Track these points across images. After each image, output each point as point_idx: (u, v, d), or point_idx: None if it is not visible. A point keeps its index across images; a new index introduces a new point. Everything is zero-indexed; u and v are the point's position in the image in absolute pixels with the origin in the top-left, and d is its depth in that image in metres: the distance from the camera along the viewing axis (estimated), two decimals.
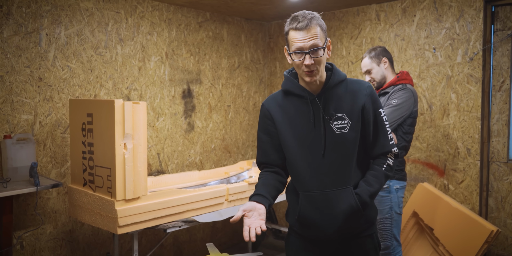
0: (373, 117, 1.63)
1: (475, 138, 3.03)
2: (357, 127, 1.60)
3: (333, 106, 1.60)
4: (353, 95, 1.61)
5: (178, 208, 2.48)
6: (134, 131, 2.23)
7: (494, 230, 2.72)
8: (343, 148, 1.59)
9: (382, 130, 1.65)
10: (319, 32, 1.51)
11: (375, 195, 1.63)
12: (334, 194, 1.59)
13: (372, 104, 1.63)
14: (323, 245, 1.68)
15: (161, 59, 3.42)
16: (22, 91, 2.66)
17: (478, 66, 3.00)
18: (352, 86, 1.64)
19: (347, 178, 1.60)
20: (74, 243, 2.94)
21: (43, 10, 2.73)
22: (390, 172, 1.66)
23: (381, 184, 1.63)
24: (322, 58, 1.53)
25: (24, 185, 2.41)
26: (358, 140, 1.61)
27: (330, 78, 1.62)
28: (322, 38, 1.53)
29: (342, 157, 1.60)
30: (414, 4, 3.29)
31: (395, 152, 1.67)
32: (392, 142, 1.67)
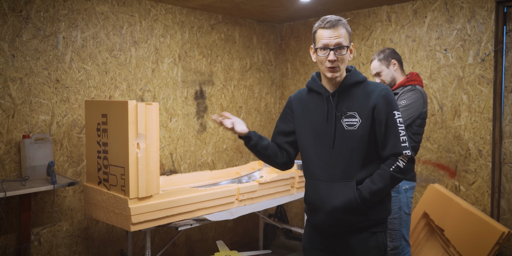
0: (385, 118, 1.67)
1: (487, 139, 3.02)
2: (366, 126, 1.68)
3: (346, 104, 1.72)
4: (368, 95, 1.70)
5: (189, 206, 2.53)
6: (147, 131, 2.29)
7: (505, 232, 2.70)
8: (351, 144, 1.69)
9: (394, 132, 1.66)
10: (345, 33, 1.68)
11: (377, 193, 1.65)
12: (337, 186, 1.70)
13: (385, 105, 1.67)
14: (327, 235, 1.78)
15: (174, 61, 3.49)
16: (40, 92, 2.76)
17: (490, 67, 2.99)
18: (368, 88, 1.72)
19: (352, 173, 1.69)
20: (89, 240, 3.03)
21: (60, 14, 2.82)
22: (400, 174, 1.65)
23: (385, 184, 1.65)
24: (344, 57, 1.68)
25: (42, 183, 2.49)
26: (366, 139, 1.69)
27: (346, 78, 1.74)
28: (347, 39, 1.69)
29: (350, 152, 1.70)
30: (425, 5, 3.29)
31: (407, 154, 1.66)
32: (405, 145, 1.66)
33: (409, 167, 1.66)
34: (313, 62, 4.12)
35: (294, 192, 3.28)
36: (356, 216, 1.70)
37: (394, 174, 1.65)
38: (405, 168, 1.66)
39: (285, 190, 3.19)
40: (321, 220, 1.75)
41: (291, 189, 3.26)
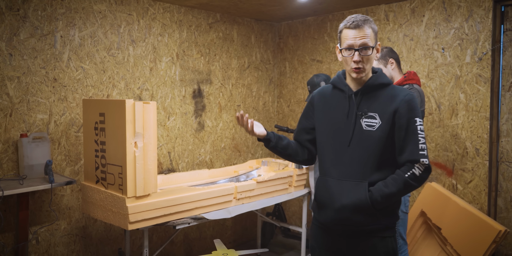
0: (406, 124, 1.65)
1: (484, 138, 3.03)
2: (385, 129, 1.67)
3: (368, 105, 1.72)
4: (391, 99, 1.69)
5: (187, 205, 2.54)
6: (145, 130, 2.30)
7: (502, 230, 2.72)
8: (367, 144, 1.69)
9: (413, 138, 1.64)
10: (370, 33, 1.67)
11: (389, 197, 1.64)
12: (349, 185, 1.70)
13: (408, 110, 1.66)
14: (334, 234, 1.76)
15: (172, 59, 3.49)
16: (37, 91, 2.76)
17: (487, 66, 3.00)
18: (393, 91, 1.71)
19: (365, 173, 1.68)
20: (87, 239, 3.03)
21: (58, 13, 2.82)
22: (415, 182, 1.63)
23: (398, 189, 1.63)
24: (370, 57, 1.68)
25: (40, 182, 2.49)
26: (383, 141, 1.67)
27: (372, 78, 1.74)
28: (373, 39, 1.68)
29: (365, 152, 1.69)
30: (423, 4, 3.30)
31: (424, 163, 1.63)
32: (423, 153, 1.63)
33: (424, 175, 1.64)
34: (311, 61, 4.12)
35: (292, 190, 3.29)
36: (364, 217, 1.67)
37: (408, 180, 1.63)
38: (421, 176, 1.63)
39: (283, 189, 3.20)
40: (328, 218, 1.74)
41: (289, 187, 3.26)
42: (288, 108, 4.37)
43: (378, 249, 1.71)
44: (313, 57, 4.10)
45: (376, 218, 1.68)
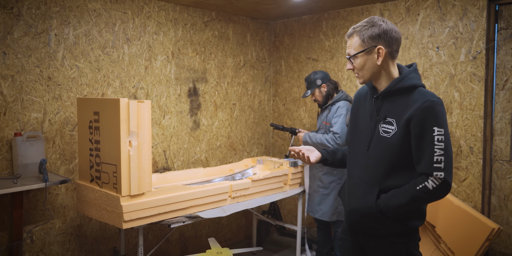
0: (421, 133, 1.58)
1: (478, 136, 3.04)
2: (401, 136, 1.62)
3: (387, 110, 1.68)
4: (409, 105, 1.62)
5: (182, 204, 2.54)
6: (139, 129, 2.30)
7: (495, 228, 2.73)
8: (382, 150, 1.67)
9: (428, 149, 1.56)
10: (356, 42, 1.68)
11: (395, 207, 1.62)
12: (362, 189, 1.72)
13: (424, 119, 1.57)
14: (355, 230, 1.82)
15: (167, 58, 3.48)
16: (32, 90, 2.75)
17: (481, 64, 3.01)
18: (415, 97, 1.63)
19: (378, 180, 1.67)
20: (82, 238, 3.03)
21: (52, 11, 2.81)
22: (426, 195, 1.56)
23: (406, 201, 1.59)
24: (360, 65, 1.69)
25: (34, 181, 2.49)
26: (397, 149, 1.63)
27: (392, 82, 1.68)
28: (359, 47, 1.67)
29: (380, 158, 1.68)
30: (418, 3, 3.30)
31: (440, 177, 1.54)
32: (439, 165, 1.54)
33: (440, 189, 1.55)
34: (306, 60, 4.13)
35: (287, 189, 3.30)
36: (372, 222, 1.69)
37: (418, 193, 1.57)
38: (435, 189, 1.55)
39: (278, 187, 3.21)
40: (345, 217, 1.84)
41: (284, 186, 3.27)
42: (283, 107, 4.37)
43: (387, 252, 1.71)
44: (309, 56, 4.10)
45: (385, 224, 1.67)
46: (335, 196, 3.25)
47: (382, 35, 1.65)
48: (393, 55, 1.70)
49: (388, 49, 1.66)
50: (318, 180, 3.33)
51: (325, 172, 3.28)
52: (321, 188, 3.30)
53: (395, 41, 1.67)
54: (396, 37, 1.67)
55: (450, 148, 1.58)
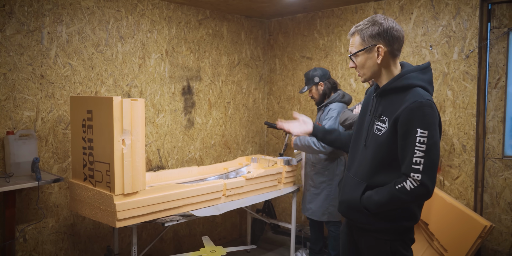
0: (405, 133, 1.58)
1: (471, 134, 3.06)
2: (390, 135, 1.64)
3: (383, 108, 1.71)
4: (400, 105, 1.63)
5: (176, 202, 2.54)
6: (133, 128, 2.29)
7: (487, 225, 2.75)
8: (373, 148, 1.71)
9: (409, 150, 1.56)
10: (357, 40, 1.71)
11: (375, 204, 1.65)
12: (353, 183, 1.77)
13: (409, 119, 1.57)
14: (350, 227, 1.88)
15: (161, 56, 3.47)
16: (24, 88, 2.73)
17: (474, 63, 3.03)
18: (407, 97, 1.62)
19: (368, 175, 1.71)
20: (75, 237, 3.02)
21: (45, 8, 2.79)
22: (405, 196, 1.57)
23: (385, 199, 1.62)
24: (361, 63, 1.72)
25: (26, 180, 2.47)
26: (386, 147, 1.65)
27: (389, 81, 1.70)
28: (359, 45, 1.70)
29: (371, 155, 1.71)
30: (411, 2, 3.32)
31: (417, 179, 1.54)
32: (417, 167, 1.54)
33: (418, 191, 1.55)
34: (301, 58, 4.13)
35: (282, 187, 3.30)
36: (358, 216, 1.74)
37: (396, 193, 1.59)
38: (413, 191, 1.55)
39: (273, 186, 3.21)
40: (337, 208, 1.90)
41: (279, 184, 3.28)
42: (278, 105, 4.38)
43: (374, 249, 1.74)
44: (303, 54, 4.11)
45: (369, 219, 1.71)
46: (325, 196, 3.23)
47: (382, 34, 1.65)
48: (394, 54, 1.70)
49: (388, 48, 1.67)
50: (309, 179, 3.34)
51: (316, 172, 3.27)
52: (312, 187, 3.30)
53: (396, 40, 1.67)
54: (397, 35, 1.67)
55: (434, 151, 1.55)
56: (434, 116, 1.57)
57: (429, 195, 1.58)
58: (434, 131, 1.56)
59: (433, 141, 1.55)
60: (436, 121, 1.58)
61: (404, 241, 1.73)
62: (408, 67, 1.72)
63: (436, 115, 1.59)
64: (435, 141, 1.56)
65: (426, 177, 1.54)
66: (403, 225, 1.70)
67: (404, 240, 1.73)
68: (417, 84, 1.65)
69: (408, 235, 1.74)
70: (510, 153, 3.06)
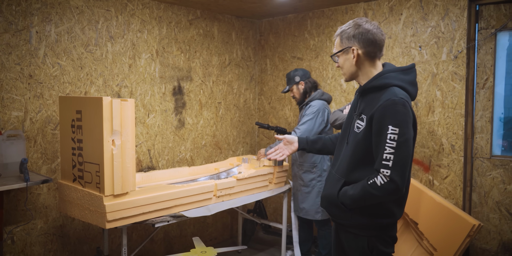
0: (377, 130, 1.63)
1: (459, 134, 3.10)
2: (367, 133, 1.69)
3: (363, 107, 1.76)
4: (376, 103, 1.67)
5: (166, 203, 2.52)
6: (122, 128, 2.27)
7: (476, 224, 2.79)
8: (353, 145, 1.76)
9: (381, 146, 1.61)
10: (337, 42, 1.80)
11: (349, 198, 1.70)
12: (333, 179, 1.82)
13: (382, 117, 1.61)
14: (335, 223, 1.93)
15: (151, 56, 3.45)
16: (12, 88, 2.69)
17: (462, 64, 3.06)
18: (383, 95, 1.66)
19: (347, 171, 1.76)
20: (64, 238, 2.99)
21: (33, 8, 2.76)
22: (375, 191, 1.60)
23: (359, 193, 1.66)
24: (340, 63, 1.81)
25: (14, 180, 2.44)
26: (363, 144, 1.71)
27: (368, 81, 1.76)
28: (338, 47, 1.80)
29: (350, 152, 1.76)
30: (400, 3, 3.34)
31: (386, 174, 1.58)
32: (387, 163, 1.58)
33: (387, 187, 1.58)
34: (292, 58, 4.14)
35: (272, 187, 3.31)
36: (336, 211, 1.79)
37: (368, 188, 1.63)
38: (383, 186, 1.59)
39: (263, 186, 3.22)
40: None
41: (269, 184, 3.28)
42: (269, 105, 4.38)
43: (352, 245, 1.80)
44: (294, 55, 4.12)
45: (348, 215, 1.76)
46: (317, 193, 3.27)
47: (357, 36, 1.73)
48: (370, 56, 1.75)
49: (362, 49, 1.73)
50: (299, 179, 3.35)
51: (304, 171, 3.31)
52: (302, 186, 3.32)
53: (371, 42, 1.72)
54: (372, 39, 1.72)
55: (404, 149, 1.58)
56: (406, 114, 1.61)
57: (399, 191, 1.60)
58: (406, 129, 1.59)
59: (404, 138, 1.58)
60: (408, 119, 1.61)
61: (383, 238, 1.76)
62: (388, 67, 1.77)
63: (410, 113, 1.62)
64: (406, 139, 1.59)
65: (395, 173, 1.58)
66: (380, 222, 1.73)
67: (383, 237, 1.76)
68: (394, 84, 1.69)
69: (387, 232, 1.76)
70: (498, 153, 3.10)
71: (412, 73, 1.77)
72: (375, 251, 1.75)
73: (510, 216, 3.00)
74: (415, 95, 1.76)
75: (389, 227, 1.77)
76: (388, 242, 1.77)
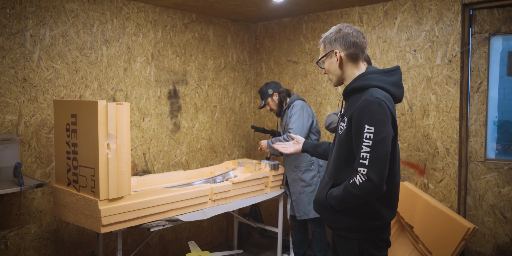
0: (355, 130, 1.65)
1: (454, 138, 3.11)
2: (348, 134, 1.71)
3: (346, 108, 1.79)
4: (355, 104, 1.69)
5: (161, 207, 2.51)
6: (118, 132, 2.26)
7: (470, 228, 2.80)
8: (337, 147, 1.80)
9: (358, 145, 1.63)
10: (321, 48, 1.86)
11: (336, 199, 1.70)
12: (323, 181, 1.85)
13: (359, 116, 1.64)
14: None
15: (146, 60, 3.45)
16: (6, 91, 2.68)
17: (457, 68, 3.08)
18: (363, 96, 1.68)
19: (334, 173, 1.79)
20: (59, 243, 2.96)
21: (27, 11, 2.75)
22: (356, 190, 1.61)
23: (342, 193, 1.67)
24: (326, 69, 1.86)
25: (8, 185, 2.42)
26: (345, 145, 1.73)
27: (348, 83, 1.80)
28: (322, 52, 1.85)
29: (336, 154, 1.80)
30: (395, 7, 3.36)
31: (363, 173, 1.59)
32: (363, 162, 1.59)
33: (365, 186, 1.59)
34: (287, 62, 4.15)
35: (268, 191, 3.30)
36: (327, 214, 1.80)
37: (349, 187, 1.64)
38: (361, 185, 1.60)
39: (259, 190, 3.21)
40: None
41: (265, 188, 3.27)
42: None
43: (344, 248, 1.81)
44: (289, 58, 4.13)
45: (337, 217, 1.77)
46: None
47: (339, 39, 1.79)
48: (353, 58, 1.79)
49: (344, 52, 1.78)
50: (299, 181, 3.35)
51: (303, 171, 3.32)
52: (305, 187, 3.33)
53: (352, 44, 1.77)
54: (353, 41, 1.77)
55: (381, 147, 1.59)
56: (382, 113, 1.62)
57: (377, 190, 1.60)
58: (382, 128, 1.60)
59: (380, 137, 1.59)
60: (385, 118, 1.62)
61: (374, 241, 1.75)
62: (370, 69, 1.80)
63: (386, 112, 1.63)
64: (382, 137, 1.59)
65: (372, 172, 1.58)
66: (369, 224, 1.73)
67: (374, 240, 1.75)
68: (374, 85, 1.71)
69: (379, 235, 1.76)
70: (492, 156, 3.12)
71: (395, 75, 1.79)
72: (365, 254, 1.74)
73: (505, 219, 3.02)
74: (399, 97, 1.78)
75: (380, 230, 1.76)
76: (380, 245, 1.76)
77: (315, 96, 3.92)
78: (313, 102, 3.94)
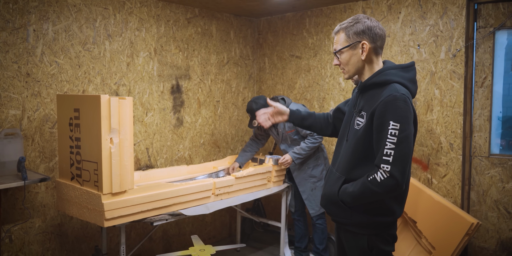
0: (379, 126, 1.62)
1: (458, 133, 3.10)
2: (367, 129, 1.68)
3: (363, 103, 1.75)
4: (377, 99, 1.66)
5: (164, 201, 2.52)
6: (121, 126, 2.27)
7: (474, 223, 2.79)
8: (353, 142, 1.74)
9: (382, 142, 1.59)
10: (342, 38, 1.75)
11: (349, 195, 1.68)
12: (334, 177, 1.80)
13: (383, 112, 1.60)
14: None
15: (149, 55, 3.45)
16: (9, 86, 2.68)
17: (461, 62, 3.06)
18: (384, 92, 1.65)
19: (347, 169, 1.74)
20: (63, 237, 2.98)
21: (30, 6, 2.74)
22: (375, 187, 1.59)
23: (359, 190, 1.64)
24: (345, 60, 1.76)
25: (12, 179, 2.44)
26: (363, 141, 1.69)
27: (368, 77, 1.74)
28: (344, 42, 1.74)
29: (351, 150, 1.75)
30: (399, 1, 3.34)
31: (386, 170, 1.57)
32: (387, 158, 1.57)
33: (387, 183, 1.57)
34: (290, 57, 4.14)
35: (271, 186, 3.30)
36: (337, 209, 1.78)
37: (368, 184, 1.61)
38: (383, 182, 1.58)
39: (262, 184, 3.21)
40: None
41: (268, 183, 3.28)
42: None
43: (351, 244, 1.79)
44: (292, 53, 4.11)
45: (348, 213, 1.74)
46: None
47: (367, 31, 1.71)
48: (377, 51, 1.75)
49: (372, 44, 1.72)
50: (310, 178, 3.36)
51: (313, 167, 3.34)
52: (317, 182, 3.34)
53: (379, 37, 1.73)
54: (380, 33, 1.73)
55: (406, 145, 1.57)
56: (407, 110, 1.60)
57: (399, 187, 1.59)
58: (406, 125, 1.59)
59: (404, 134, 1.58)
60: (409, 115, 1.60)
61: (383, 236, 1.75)
62: (389, 64, 1.77)
63: (410, 109, 1.62)
64: (407, 135, 1.58)
65: (395, 169, 1.56)
66: (380, 220, 1.72)
67: (383, 235, 1.75)
68: (395, 80, 1.69)
69: (388, 230, 1.75)
70: (496, 152, 3.11)
71: (412, 70, 1.76)
72: (375, 250, 1.74)
73: (509, 215, 3.01)
74: (415, 93, 1.75)
75: (390, 225, 1.76)
76: (388, 240, 1.76)
77: (318, 91, 3.91)
78: (316, 97, 3.93)
